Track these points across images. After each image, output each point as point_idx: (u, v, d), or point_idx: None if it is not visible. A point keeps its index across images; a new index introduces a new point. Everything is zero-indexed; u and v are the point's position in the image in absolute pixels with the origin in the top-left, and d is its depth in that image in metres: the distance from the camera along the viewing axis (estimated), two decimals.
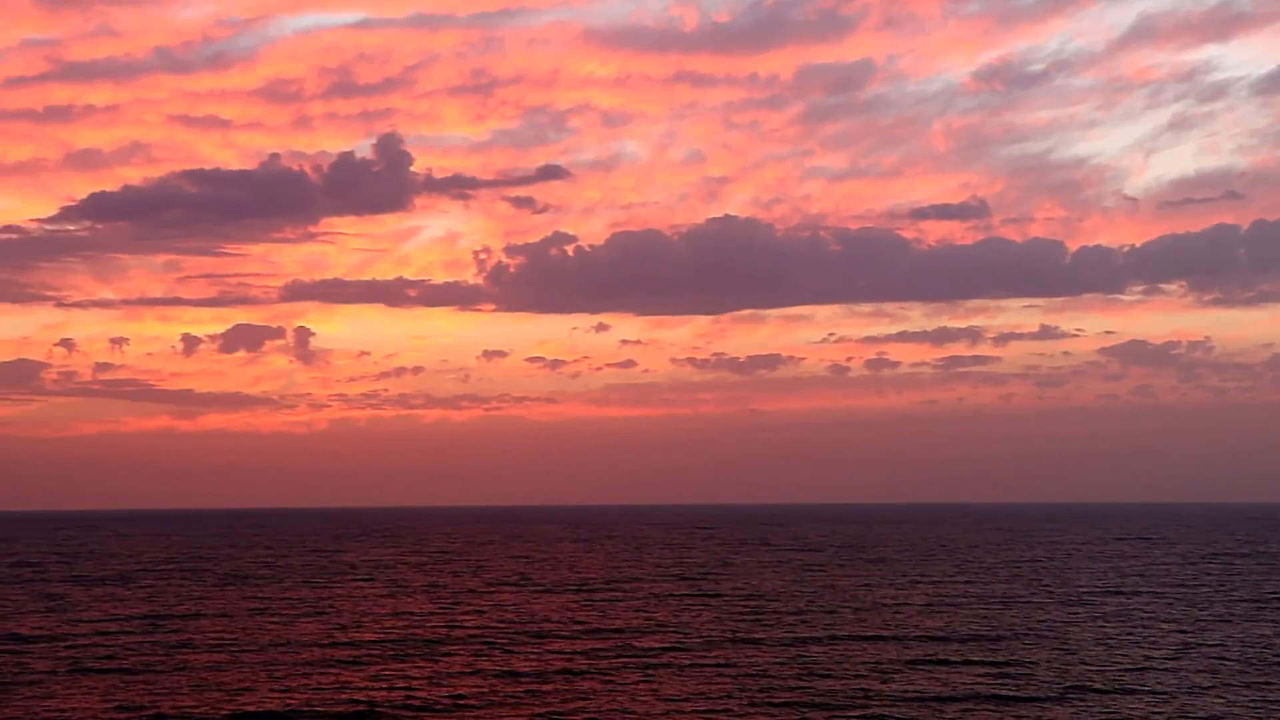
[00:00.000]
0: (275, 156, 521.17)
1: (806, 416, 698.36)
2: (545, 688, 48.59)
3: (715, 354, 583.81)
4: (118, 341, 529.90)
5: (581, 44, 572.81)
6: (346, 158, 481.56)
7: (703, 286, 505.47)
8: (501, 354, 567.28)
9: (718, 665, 53.67)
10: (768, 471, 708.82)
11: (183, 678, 51.27)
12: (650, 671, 52.18)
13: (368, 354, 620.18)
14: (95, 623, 71.12)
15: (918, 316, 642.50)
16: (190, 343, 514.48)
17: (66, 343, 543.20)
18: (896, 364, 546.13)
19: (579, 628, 67.16)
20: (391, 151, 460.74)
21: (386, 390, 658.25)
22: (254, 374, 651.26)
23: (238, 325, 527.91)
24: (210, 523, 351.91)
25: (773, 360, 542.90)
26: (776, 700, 45.88)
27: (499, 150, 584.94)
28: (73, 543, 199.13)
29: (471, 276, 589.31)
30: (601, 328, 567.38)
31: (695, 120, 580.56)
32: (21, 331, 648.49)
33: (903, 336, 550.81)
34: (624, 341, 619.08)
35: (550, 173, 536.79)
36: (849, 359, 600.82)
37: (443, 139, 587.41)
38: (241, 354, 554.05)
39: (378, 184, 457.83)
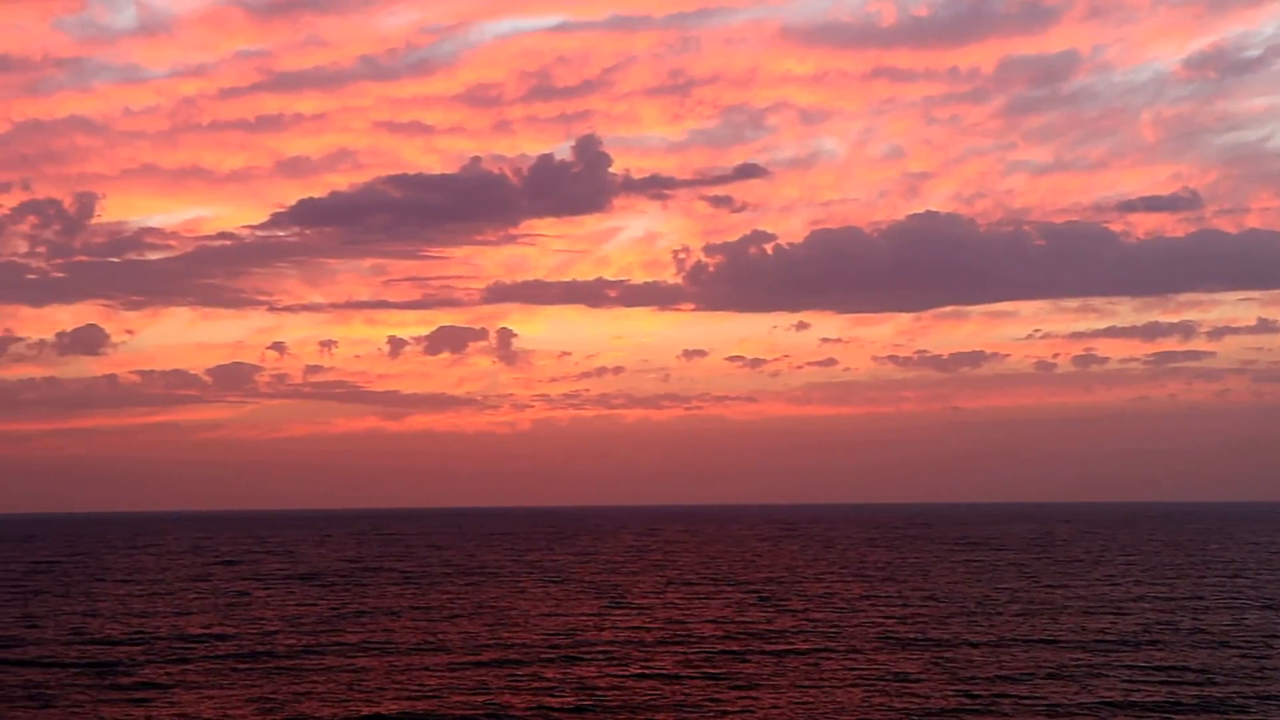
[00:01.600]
0: (476, 160, 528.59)
1: (1011, 414, 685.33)
2: (683, 691, 47.42)
3: (917, 351, 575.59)
4: (327, 344, 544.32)
5: (779, 42, 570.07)
6: (546, 160, 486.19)
7: (904, 283, 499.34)
8: (701, 353, 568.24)
9: (869, 668, 51.94)
10: (971, 470, 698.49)
11: (323, 677, 51.22)
12: (801, 674, 50.68)
13: (569, 354, 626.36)
14: (259, 620, 71.93)
15: (1127, 311, 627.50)
16: (396, 345, 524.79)
17: (278, 346, 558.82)
18: (1105, 360, 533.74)
19: (740, 628, 65.85)
20: (590, 153, 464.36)
21: (587, 390, 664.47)
22: (458, 375, 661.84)
23: (441, 327, 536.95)
24: (409, 521, 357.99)
25: (976, 357, 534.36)
26: (929, 707, 44.07)
27: (696, 150, 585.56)
28: (271, 541, 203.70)
29: (671, 276, 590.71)
30: (801, 326, 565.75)
31: (894, 116, 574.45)
32: (236, 335, 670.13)
33: (1111, 332, 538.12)
34: (824, 339, 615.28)
35: (748, 171, 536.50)
36: (1055, 355, 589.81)
37: (641, 140, 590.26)
38: (446, 355, 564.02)
39: (577, 185, 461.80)
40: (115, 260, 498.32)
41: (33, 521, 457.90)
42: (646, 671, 52.00)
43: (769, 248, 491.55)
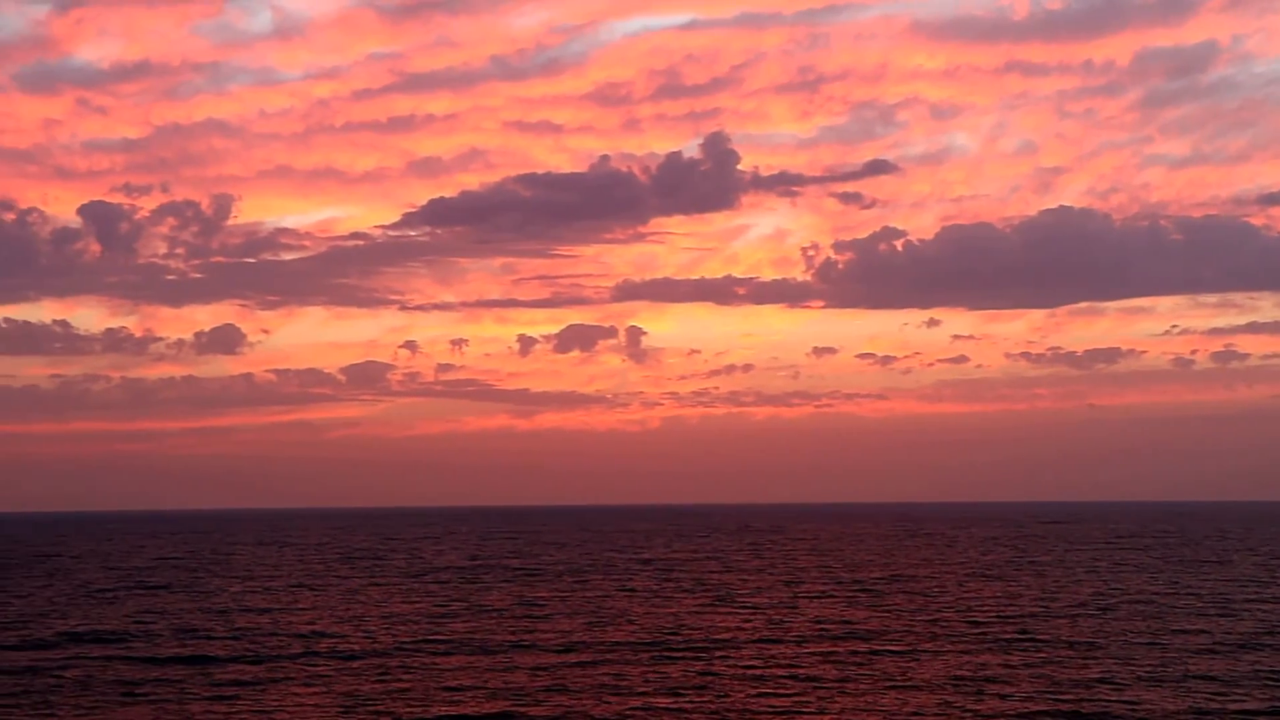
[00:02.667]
0: (605, 159, 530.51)
1: (1149, 411, 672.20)
2: (758, 691, 46.92)
3: (1051, 348, 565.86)
4: (458, 343, 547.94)
5: (909, 37, 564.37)
6: (674, 158, 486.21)
7: (1037, 279, 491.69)
8: (831, 351, 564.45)
9: (961, 669, 51.03)
10: (1107, 468, 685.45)
11: (412, 676, 51.44)
12: (887, 675, 49.94)
13: (698, 352, 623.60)
14: (364, 618, 72.54)
15: (1269, 307, 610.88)
16: (526, 343, 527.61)
17: (410, 345, 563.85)
18: (1246, 356, 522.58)
19: (842, 628, 65.08)
20: (719, 150, 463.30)
21: (717, 388, 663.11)
22: (588, 373, 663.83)
23: (571, 325, 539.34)
24: (536, 519, 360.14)
25: (1112, 354, 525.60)
26: (1005, 711, 43.16)
27: (826, 146, 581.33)
28: (396, 539, 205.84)
29: (800, 273, 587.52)
30: (933, 323, 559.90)
31: (1027, 110, 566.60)
32: (369, 334, 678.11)
33: (1253, 327, 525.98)
34: (956, 336, 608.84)
35: (878, 167, 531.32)
36: (1194, 351, 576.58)
37: (769, 136, 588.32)
38: (575, 354, 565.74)
39: (705, 183, 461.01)
40: (251, 261, 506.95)
41: (170, 518, 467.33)
42: (732, 671, 51.54)
43: (899, 244, 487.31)
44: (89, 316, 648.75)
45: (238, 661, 55.98)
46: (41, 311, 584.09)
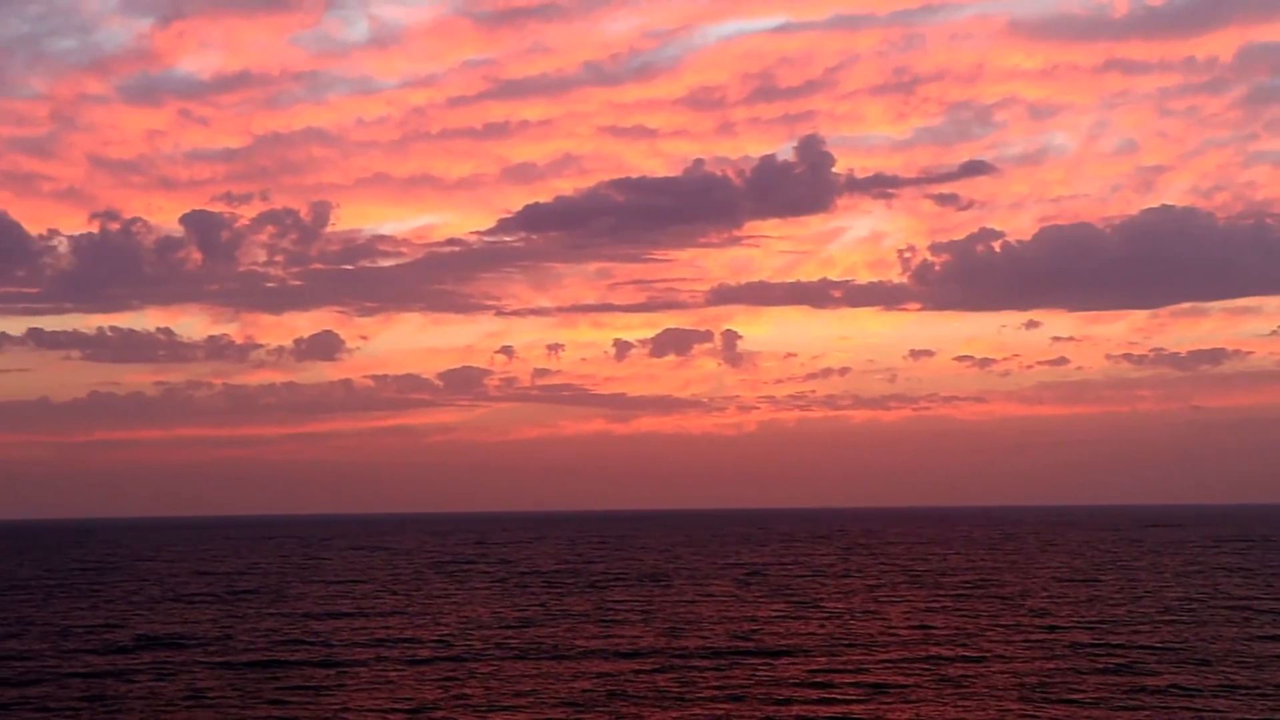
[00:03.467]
0: (699, 162, 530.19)
1: (1256, 413, 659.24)
2: (818, 697, 46.44)
3: (1154, 349, 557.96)
4: (554, 348, 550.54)
5: (1006, 36, 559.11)
6: (769, 161, 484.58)
7: (1138, 280, 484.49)
8: (929, 353, 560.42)
9: (1030, 677, 50.22)
10: (1211, 470, 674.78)
11: (479, 682, 51.48)
12: (952, 683, 49.26)
13: (794, 355, 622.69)
14: (443, 624, 72.78)
15: None
16: (622, 347, 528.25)
17: (506, 350, 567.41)
18: None
19: (921, 634, 64.37)
20: (813, 153, 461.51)
21: (814, 391, 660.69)
22: (684, 377, 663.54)
23: (667, 330, 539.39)
24: (631, 523, 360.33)
25: (1217, 355, 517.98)
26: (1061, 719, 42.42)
27: (921, 148, 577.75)
28: (490, 543, 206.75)
29: (896, 276, 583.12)
30: (1032, 324, 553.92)
31: (1127, 109, 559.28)
32: (466, 340, 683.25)
33: None
34: (1055, 338, 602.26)
35: (975, 168, 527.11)
36: None
37: (864, 139, 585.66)
38: (671, 358, 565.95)
39: (800, 186, 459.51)
40: (349, 268, 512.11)
41: (270, 523, 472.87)
42: (797, 677, 51.06)
43: (997, 245, 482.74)
44: (192, 324, 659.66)
45: (307, 666, 56.35)
46: (146, 320, 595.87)
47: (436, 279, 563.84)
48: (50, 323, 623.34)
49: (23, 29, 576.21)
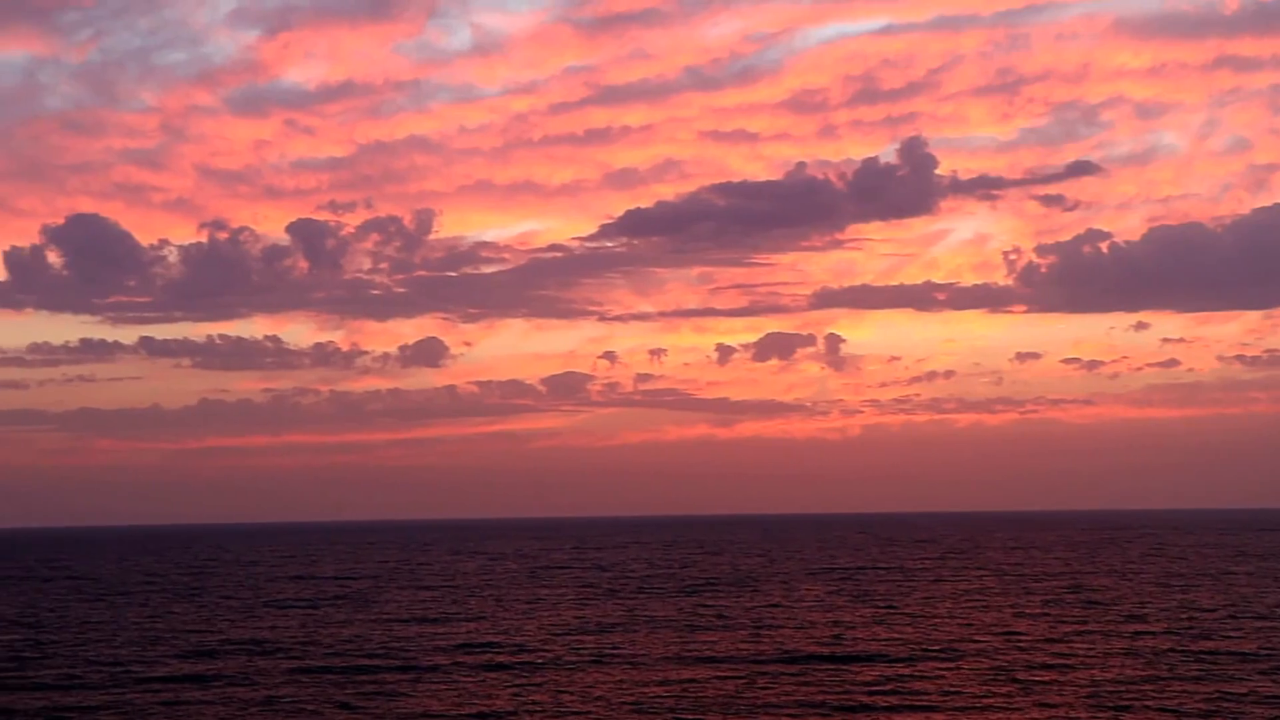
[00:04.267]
0: (801, 166, 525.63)
1: None
2: (890, 709, 45.89)
3: (1267, 350, 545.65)
4: (656, 353, 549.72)
5: (1112, 35, 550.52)
6: (871, 164, 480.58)
7: (1251, 280, 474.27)
8: (1035, 356, 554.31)
9: (1102, 686, 49.33)
10: None
11: (544, 690, 51.48)
12: (1022, 692, 48.49)
13: (898, 359, 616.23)
14: (522, 629, 72.91)
15: None
16: (725, 352, 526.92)
17: (609, 355, 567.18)
18: None
19: (1005, 641, 63.46)
20: (916, 155, 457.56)
21: (918, 395, 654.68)
22: (787, 381, 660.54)
23: (769, 334, 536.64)
24: (730, 528, 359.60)
25: None
26: None
27: (1026, 149, 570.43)
28: (588, 547, 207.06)
29: (1001, 278, 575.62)
30: (1140, 326, 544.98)
31: (1239, 107, 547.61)
32: (568, 346, 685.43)
33: None
34: (1165, 340, 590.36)
35: (1081, 169, 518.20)
36: None
37: (968, 140, 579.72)
38: (774, 362, 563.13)
39: (903, 188, 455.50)
40: (452, 274, 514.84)
41: (376, 528, 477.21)
42: (872, 684, 50.53)
43: (1104, 246, 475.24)
44: (298, 332, 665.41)
45: (383, 671, 56.66)
46: (254, 328, 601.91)
47: (539, 285, 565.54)
48: (161, 331, 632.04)
49: (134, 43, 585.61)
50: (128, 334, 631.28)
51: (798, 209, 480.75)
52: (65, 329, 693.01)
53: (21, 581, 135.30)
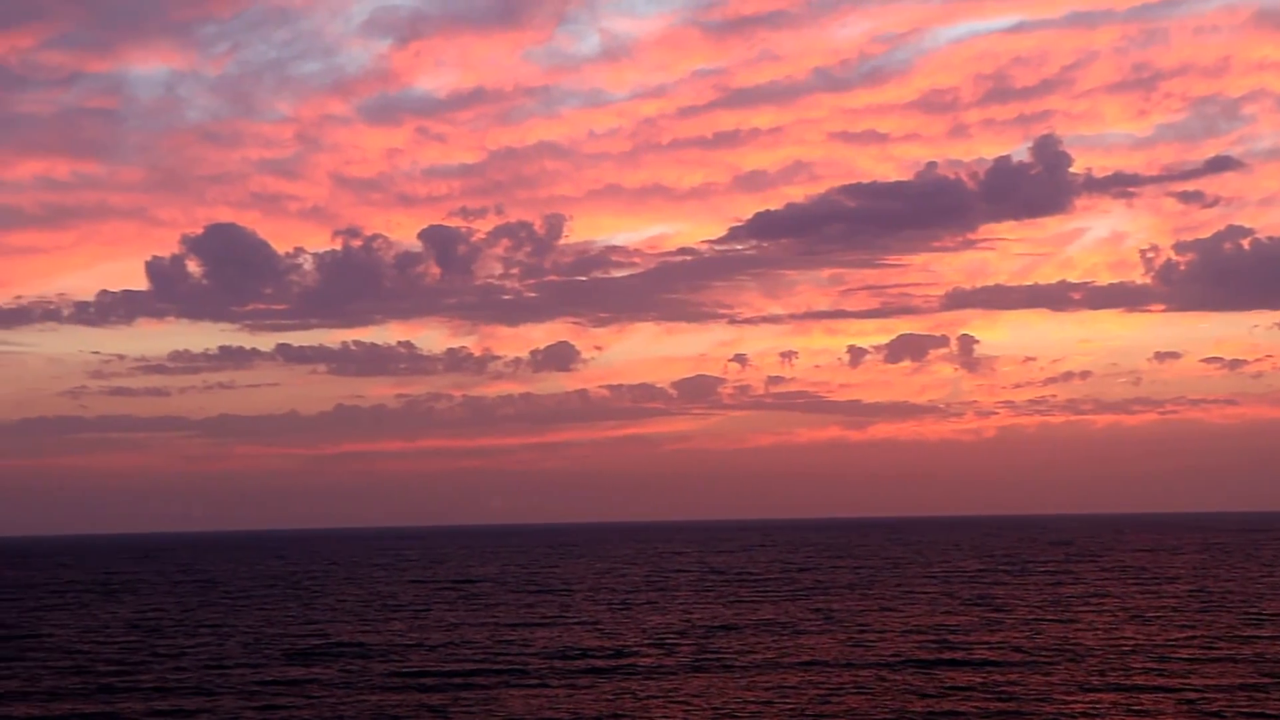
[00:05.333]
0: (932, 165, 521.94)
1: None
2: (959, 715, 44.98)
3: None
4: (787, 355, 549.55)
5: (1253, 28, 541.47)
6: (1003, 162, 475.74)
7: None
8: (1174, 355, 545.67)
9: (1199, 699, 47.97)
10: None
11: (634, 696, 51.22)
12: (1105, 702, 47.33)
13: (1033, 360, 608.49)
14: (620, 634, 72.76)
15: None
16: (856, 354, 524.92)
17: (740, 358, 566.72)
18: None
19: (1089, 646, 62.07)
20: (1050, 153, 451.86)
21: (1054, 396, 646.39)
22: (919, 383, 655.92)
23: (901, 335, 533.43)
24: (860, 530, 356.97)
25: None
26: None
27: (1164, 145, 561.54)
28: (709, 550, 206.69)
29: (1139, 276, 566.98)
30: None
31: None
32: (699, 349, 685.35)
33: None
34: None
35: (1221, 164, 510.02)
36: None
37: (1103, 137, 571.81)
38: (906, 364, 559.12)
39: (1036, 187, 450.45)
40: (583, 279, 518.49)
41: (506, 532, 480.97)
42: (958, 689, 49.62)
43: (1246, 243, 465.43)
44: (431, 337, 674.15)
45: (480, 675, 56.75)
46: (388, 334, 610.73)
47: (669, 288, 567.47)
48: (297, 338, 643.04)
49: (269, 55, 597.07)
50: (265, 341, 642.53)
51: (929, 209, 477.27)
52: (205, 337, 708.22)
53: (151, 585, 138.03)
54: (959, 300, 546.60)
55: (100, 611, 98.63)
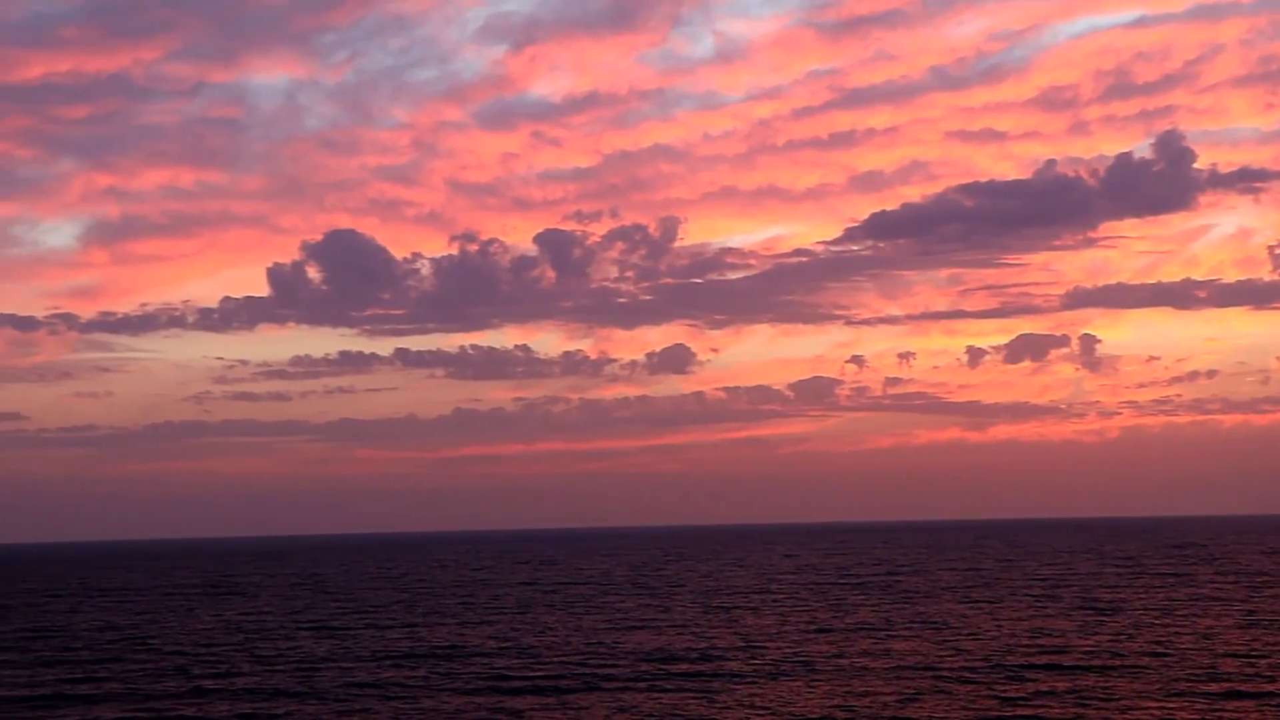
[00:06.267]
0: (1051, 163, 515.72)
1: None
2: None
3: None
4: (905, 356, 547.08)
5: None
6: (1124, 159, 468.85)
7: None
8: None
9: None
10: None
11: (716, 700, 50.99)
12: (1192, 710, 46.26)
13: (1157, 359, 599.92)
14: (712, 638, 72.51)
15: None
16: (975, 354, 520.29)
17: (857, 359, 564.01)
18: None
19: (1188, 650, 60.76)
20: (1172, 149, 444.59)
21: (1179, 396, 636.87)
22: (1040, 383, 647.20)
23: (1021, 335, 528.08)
24: (968, 533, 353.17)
25: None
26: None
27: None
28: (817, 552, 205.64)
29: (1267, 273, 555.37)
30: None
31: None
32: (815, 350, 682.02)
33: None
34: None
35: None
36: None
37: (1228, 132, 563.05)
38: (1026, 364, 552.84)
39: (1159, 184, 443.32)
40: (698, 281, 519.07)
41: (625, 535, 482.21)
42: (1042, 694, 48.78)
43: None
44: (547, 341, 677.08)
45: (559, 679, 56.78)
46: (504, 338, 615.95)
47: (785, 290, 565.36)
48: (415, 342, 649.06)
49: (386, 62, 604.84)
50: (384, 346, 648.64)
51: (1048, 207, 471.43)
52: (325, 342, 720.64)
53: (260, 588, 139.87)
54: (1080, 299, 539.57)
55: (206, 614, 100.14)
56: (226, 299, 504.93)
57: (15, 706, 53.95)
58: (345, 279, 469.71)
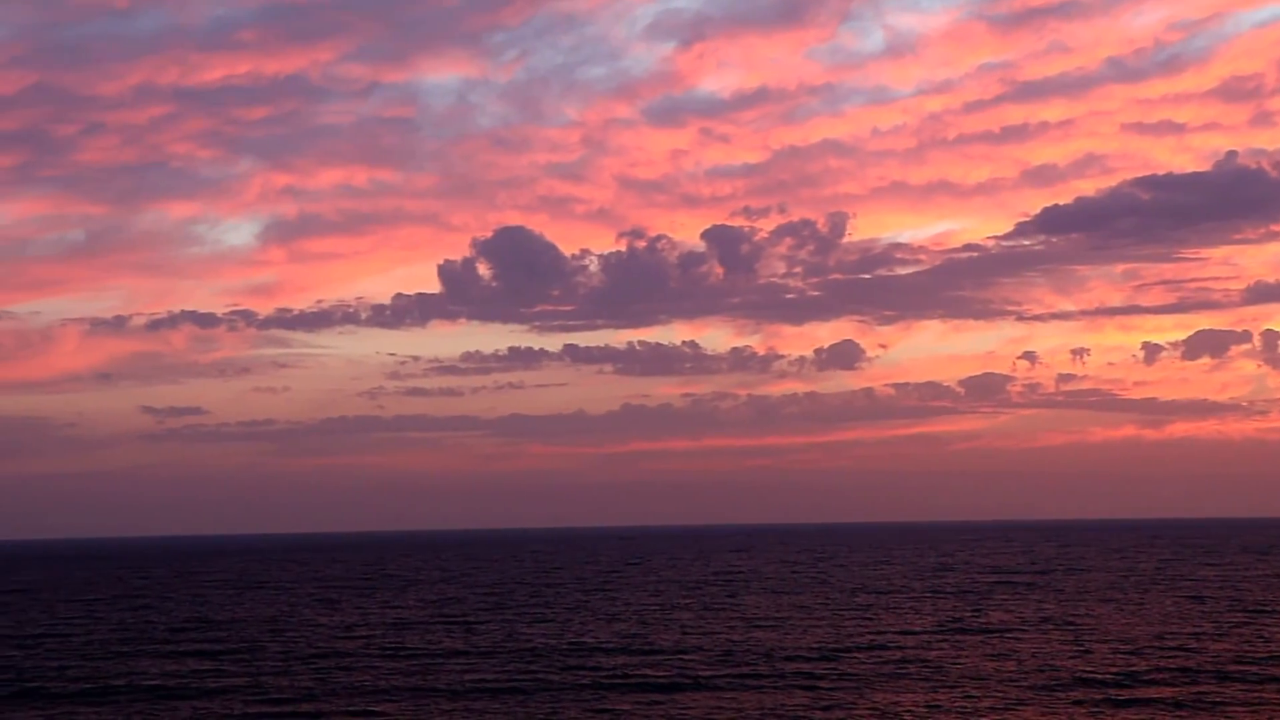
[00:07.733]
0: (1232, 155, 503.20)
1: None
2: None
3: None
4: (1078, 352, 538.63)
5: None
6: None
7: None
8: None
9: None
10: None
11: (825, 700, 50.63)
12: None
13: None
14: (808, 635, 71.99)
15: None
16: (1151, 350, 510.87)
17: (1029, 355, 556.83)
18: None
19: (1254, 657, 58.94)
20: None
21: None
22: (1220, 380, 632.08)
23: (1200, 331, 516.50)
24: (1136, 533, 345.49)
25: None
26: None
27: None
28: (976, 551, 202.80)
29: None
30: None
31: None
32: (986, 346, 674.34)
33: None
34: None
35: None
36: None
37: None
38: (1205, 360, 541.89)
39: None
40: (867, 277, 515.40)
41: (793, 531, 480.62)
42: (1125, 700, 47.60)
43: None
44: (715, 337, 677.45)
45: (673, 677, 56.75)
46: (672, 334, 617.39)
47: (955, 285, 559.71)
48: (584, 338, 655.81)
49: (557, 60, 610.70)
50: (553, 342, 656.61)
51: (1229, 200, 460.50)
52: (495, 338, 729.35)
53: (407, 582, 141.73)
54: (1263, 294, 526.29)
55: (350, 609, 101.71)
56: (399, 296, 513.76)
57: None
58: (515, 275, 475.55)
